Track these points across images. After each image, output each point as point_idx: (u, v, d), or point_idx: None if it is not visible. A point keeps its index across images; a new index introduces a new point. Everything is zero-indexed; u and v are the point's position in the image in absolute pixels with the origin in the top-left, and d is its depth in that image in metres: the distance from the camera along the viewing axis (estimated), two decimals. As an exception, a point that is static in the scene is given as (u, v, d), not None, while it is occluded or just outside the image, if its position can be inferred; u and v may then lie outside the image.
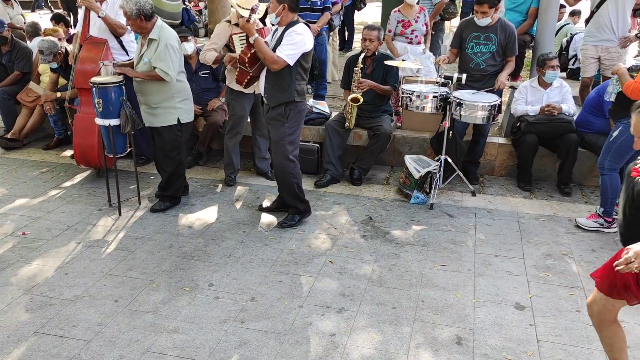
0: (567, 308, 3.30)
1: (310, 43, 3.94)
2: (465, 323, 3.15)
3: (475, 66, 4.89)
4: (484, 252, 3.94)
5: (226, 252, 3.91)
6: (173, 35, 4.24)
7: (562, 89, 5.04)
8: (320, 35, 6.25)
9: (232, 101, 4.89)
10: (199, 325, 3.10)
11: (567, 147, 4.83)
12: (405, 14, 5.81)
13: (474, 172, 5.21)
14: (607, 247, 4.03)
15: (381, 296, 3.40)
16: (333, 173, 5.11)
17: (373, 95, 5.11)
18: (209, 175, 5.36)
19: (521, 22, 5.84)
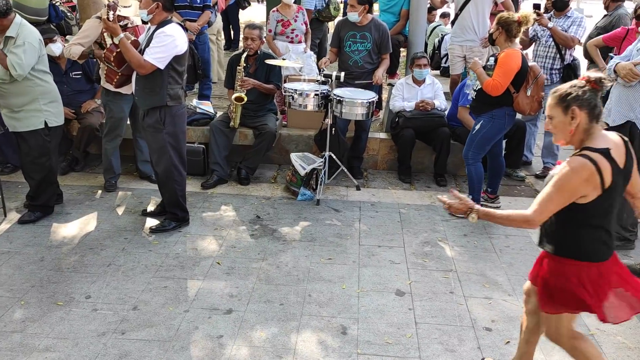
0: (442, 290, 3.53)
1: (182, 45, 3.83)
2: (350, 313, 3.27)
3: (354, 64, 5.08)
4: (367, 244, 4.11)
5: (105, 261, 3.72)
6: (34, 33, 3.93)
7: (434, 86, 5.38)
8: (201, 34, 6.14)
9: (109, 102, 4.65)
10: (74, 341, 2.92)
11: (441, 140, 5.17)
12: (283, 13, 5.88)
13: (358, 167, 5.40)
14: (476, 231, 4.37)
15: (269, 294, 3.43)
16: (220, 174, 5.05)
17: (257, 94, 5.12)
18: (87, 182, 5.06)
19: (394, 22, 6.14)
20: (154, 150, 4.05)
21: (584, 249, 2.27)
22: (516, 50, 4.18)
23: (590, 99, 2.16)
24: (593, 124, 2.18)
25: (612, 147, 2.17)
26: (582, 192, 2.15)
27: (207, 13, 6.03)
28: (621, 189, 2.25)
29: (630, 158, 2.24)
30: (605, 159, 2.13)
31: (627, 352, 2.98)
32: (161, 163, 4.04)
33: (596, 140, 2.19)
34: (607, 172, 2.13)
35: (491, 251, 4.04)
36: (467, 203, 2.35)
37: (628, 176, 2.25)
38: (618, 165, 2.17)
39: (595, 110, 2.17)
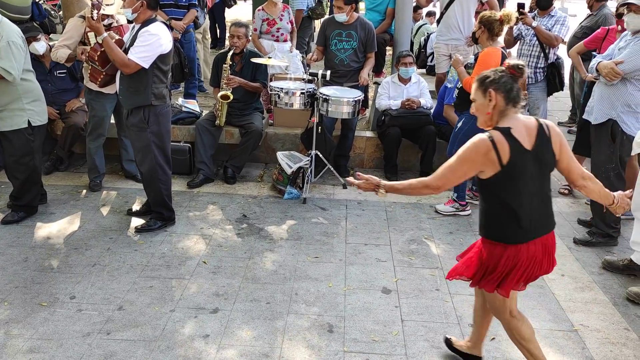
0: (428, 288, 3.56)
1: (167, 44, 3.81)
2: (336, 311, 3.28)
3: (340, 62, 5.10)
4: (354, 242, 4.12)
5: (90, 261, 3.69)
6: (15, 30, 3.88)
7: (419, 84, 5.41)
8: (187, 32, 6.11)
9: (92, 101, 4.62)
10: (59, 342, 2.89)
11: (427, 138, 5.20)
12: (269, 12, 5.87)
13: (344, 165, 5.41)
14: (462, 229, 4.40)
15: (256, 292, 3.42)
16: (206, 172, 5.04)
17: (243, 93, 5.11)
18: (72, 181, 5.02)
19: (380, 21, 6.16)
20: (138, 149, 4.02)
21: (498, 229, 2.39)
22: (496, 49, 4.22)
23: (506, 83, 2.29)
24: (509, 107, 2.30)
25: (516, 128, 2.28)
26: (479, 165, 2.28)
27: (193, 12, 6.01)
28: (532, 172, 2.30)
29: (542, 142, 2.30)
30: (504, 137, 2.25)
31: (610, 347, 3.02)
32: (145, 162, 4.02)
33: (507, 121, 2.30)
34: (504, 149, 2.23)
35: (476, 248, 4.07)
36: (372, 181, 2.49)
37: (540, 159, 2.31)
38: (520, 144, 2.26)
39: (511, 94, 2.29)
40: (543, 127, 2.33)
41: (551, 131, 2.34)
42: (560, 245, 4.13)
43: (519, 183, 2.29)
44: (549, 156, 2.34)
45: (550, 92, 5.37)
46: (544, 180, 2.37)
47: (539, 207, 2.36)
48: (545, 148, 2.32)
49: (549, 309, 3.35)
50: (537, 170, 2.32)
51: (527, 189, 2.31)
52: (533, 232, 2.36)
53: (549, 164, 2.35)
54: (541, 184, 2.36)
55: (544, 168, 2.34)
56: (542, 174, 2.35)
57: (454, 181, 2.38)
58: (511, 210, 2.33)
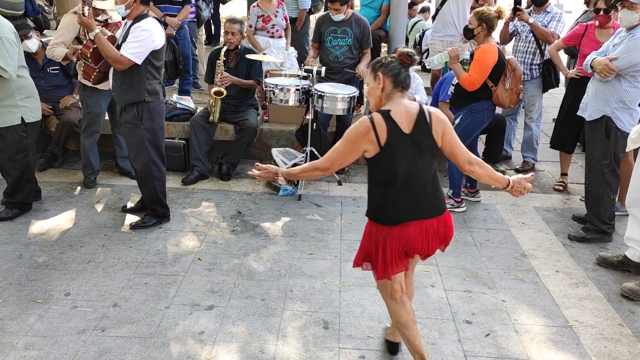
0: (423, 284, 3.56)
1: (160, 40, 3.79)
2: (331, 307, 3.28)
3: (334, 59, 5.09)
4: (349, 239, 4.12)
5: (85, 258, 3.68)
6: (7, 26, 3.86)
7: (414, 81, 5.40)
8: (182, 29, 6.08)
9: (86, 98, 4.60)
10: (54, 339, 2.89)
11: (421, 136, 5.20)
12: (264, 8, 5.86)
13: (339, 162, 5.40)
14: (457, 224, 4.36)
15: (251, 289, 3.42)
16: (201, 169, 5.03)
17: (237, 90, 5.10)
18: (66, 178, 5.00)
19: (375, 17, 6.16)
20: (132, 146, 4.01)
21: (375, 209, 2.47)
22: (492, 45, 4.23)
23: (394, 68, 2.37)
24: (396, 91, 2.38)
25: (397, 111, 2.35)
26: (362, 145, 2.35)
27: (187, 8, 5.99)
28: (410, 155, 2.36)
29: (421, 127, 2.37)
30: (383, 119, 2.33)
31: (605, 343, 3.04)
32: (139, 159, 4.01)
33: (390, 104, 2.38)
34: (382, 130, 2.32)
35: (471, 245, 4.09)
36: (271, 170, 2.59)
37: (417, 144, 2.37)
38: (399, 128, 2.34)
39: (398, 78, 2.36)
40: (424, 113, 2.39)
41: (433, 118, 2.40)
42: (555, 242, 4.15)
43: (396, 165, 2.36)
44: (428, 141, 2.38)
45: (545, 89, 5.39)
46: (424, 164, 2.41)
47: (418, 191, 2.41)
48: (423, 133, 2.37)
49: (543, 305, 3.37)
50: (416, 154, 2.37)
51: (404, 171, 2.37)
52: (409, 214, 2.42)
53: (429, 149, 2.40)
54: (421, 168, 2.40)
55: (423, 152, 2.39)
56: (422, 158, 2.39)
57: (341, 161, 2.44)
58: (388, 190, 2.40)
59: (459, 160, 2.47)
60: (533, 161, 5.55)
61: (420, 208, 2.42)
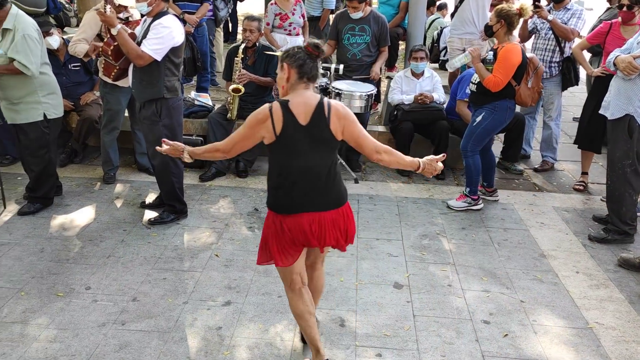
0: (440, 283, 3.55)
1: (179, 37, 3.82)
2: (348, 305, 3.28)
3: (352, 57, 5.08)
4: (366, 237, 4.12)
5: (105, 253, 3.73)
6: (31, 23, 3.92)
7: (432, 79, 5.38)
8: (200, 26, 6.12)
9: (107, 94, 4.65)
10: (75, 332, 2.93)
11: (439, 134, 5.17)
12: (282, 6, 5.87)
13: (356, 160, 5.40)
14: (475, 224, 4.38)
15: (267, 286, 3.44)
16: (218, 166, 5.06)
17: (255, 87, 5.11)
18: (86, 174, 5.06)
19: (394, 15, 6.13)
20: (151, 142, 4.05)
21: (271, 198, 2.50)
22: (515, 45, 4.18)
23: (300, 59, 2.38)
24: (300, 82, 2.39)
25: (296, 103, 2.36)
26: (259, 132, 2.39)
27: (206, 5, 6.02)
28: (304, 147, 2.38)
29: (318, 121, 2.37)
30: (281, 108, 2.35)
31: (625, 345, 3.00)
32: (158, 156, 4.04)
33: (292, 95, 2.40)
34: (278, 119, 2.34)
35: (489, 244, 4.06)
36: (177, 147, 2.67)
37: (313, 136, 2.37)
38: (296, 119, 2.35)
39: (303, 69, 2.37)
40: (323, 106, 2.38)
41: (332, 111, 2.39)
42: (575, 242, 4.11)
43: (291, 155, 2.39)
44: (324, 134, 2.38)
45: (565, 87, 5.32)
46: (320, 157, 2.42)
47: (313, 183, 2.43)
48: (320, 126, 2.37)
49: (563, 306, 3.33)
50: (311, 146, 2.39)
51: (298, 162, 2.40)
52: (303, 205, 2.44)
53: (325, 142, 2.40)
54: (317, 161, 2.42)
55: (319, 145, 2.40)
56: (318, 151, 2.41)
57: (240, 145, 2.48)
58: (283, 180, 2.43)
59: (366, 151, 2.48)
60: (552, 160, 5.49)
61: (315, 200, 2.44)
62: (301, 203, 2.43)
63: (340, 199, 2.52)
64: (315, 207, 2.44)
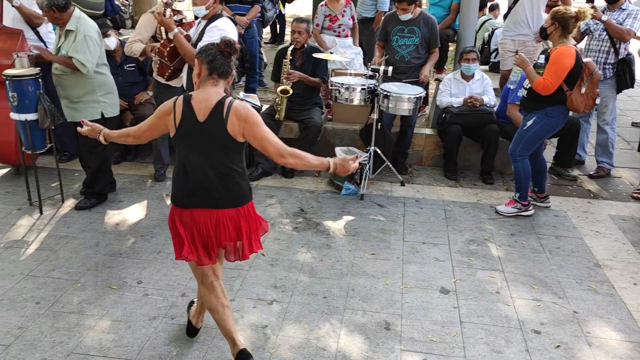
0: (488, 290, 3.48)
1: (233, 38, 3.88)
2: (393, 309, 3.26)
3: (401, 59, 5.04)
4: (412, 240, 4.08)
5: (156, 249, 3.83)
6: (92, 26, 4.08)
7: (483, 81, 5.28)
8: (250, 27, 6.21)
9: (160, 94, 4.77)
10: (127, 324, 3.03)
11: (489, 137, 5.07)
12: (331, 8, 5.88)
13: (402, 163, 5.36)
14: (525, 230, 4.27)
15: (313, 286, 3.45)
16: (265, 166, 5.11)
17: (303, 88, 5.15)
18: (138, 171, 5.22)
19: (444, 16, 6.05)
20: None
21: (173, 189, 2.53)
22: (570, 47, 4.03)
23: (210, 55, 2.43)
24: (210, 78, 2.43)
25: (198, 99, 2.41)
26: (164, 123, 2.46)
27: (257, 7, 6.10)
28: (200, 143, 2.41)
29: (215, 119, 2.37)
30: (183, 103, 2.41)
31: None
32: None
33: (198, 91, 2.45)
34: (179, 113, 2.40)
35: (540, 252, 3.94)
36: (95, 128, 2.78)
37: (208, 134, 2.39)
38: (195, 114, 2.39)
39: (213, 64, 2.42)
40: (222, 105, 2.39)
41: (231, 112, 2.39)
42: (633, 252, 3.94)
43: (188, 150, 2.44)
44: (220, 133, 2.39)
45: (619, 89, 5.12)
46: (216, 155, 2.43)
47: (209, 180, 2.44)
48: (216, 125, 2.39)
49: (619, 318, 3.20)
50: (207, 143, 2.41)
51: (194, 157, 2.43)
52: (197, 200, 2.45)
53: (222, 141, 2.41)
54: (213, 158, 2.43)
55: (214, 143, 2.41)
56: (213, 149, 2.42)
57: (149, 133, 2.55)
58: (181, 173, 2.47)
59: (271, 154, 2.47)
60: (609, 166, 5.29)
61: (210, 197, 2.45)
62: (198, 199, 2.45)
63: (240, 198, 2.52)
64: (210, 204, 2.46)
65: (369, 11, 6.57)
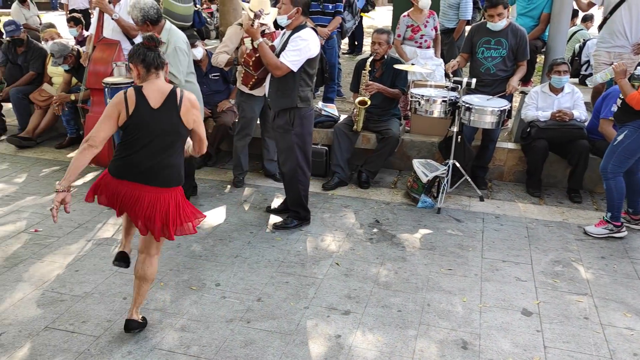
0: (576, 315, 3.28)
1: (315, 49, 3.94)
2: (471, 327, 3.15)
3: (486, 71, 4.89)
4: (491, 257, 3.93)
5: (233, 253, 3.93)
6: (182, 37, 4.27)
7: (573, 95, 5.02)
8: (330, 38, 6.28)
9: (242, 103, 4.92)
10: (206, 324, 3.12)
11: (578, 154, 4.80)
12: (414, 18, 5.82)
13: (482, 177, 5.19)
14: (617, 254, 4.00)
15: (387, 299, 3.41)
16: (341, 176, 5.13)
17: (382, 99, 5.12)
18: (218, 176, 5.40)
19: (533, 27, 5.82)
20: (282, 150, 4.20)
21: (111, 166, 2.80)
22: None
23: (141, 54, 2.74)
24: (150, 73, 2.76)
25: (149, 89, 2.73)
26: (115, 112, 2.70)
27: (338, 19, 6.17)
28: (151, 127, 2.71)
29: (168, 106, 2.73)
30: (134, 93, 2.71)
31: None
32: (287, 163, 4.19)
33: (145, 84, 2.76)
34: (131, 101, 2.69)
35: (634, 278, 3.67)
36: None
37: (162, 120, 2.72)
38: (147, 102, 2.71)
39: (146, 61, 2.74)
40: (175, 95, 2.77)
41: (184, 100, 2.77)
42: None
43: (138, 132, 2.71)
44: (173, 119, 2.75)
45: None
46: (164, 140, 2.75)
47: (149, 159, 2.74)
48: (170, 111, 2.74)
49: None
50: (158, 128, 2.73)
51: (142, 141, 2.72)
52: (129, 175, 2.75)
53: (173, 127, 2.75)
54: (160, 143, 2.75)
55: (166, 128, 2.74)
56: (164, 134, 2.74)
57: (104, 128, 2.70)
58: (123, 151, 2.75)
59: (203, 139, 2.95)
60: None
61: (142, 173, 2.75)
62: (129, 173, 2.75)
63: (168, 181, 2.83)
64: (138, 179, 2.75)
65: (451, 21, 6.46)
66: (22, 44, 6.19)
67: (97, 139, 2.70)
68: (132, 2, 4.22)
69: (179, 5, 5.90)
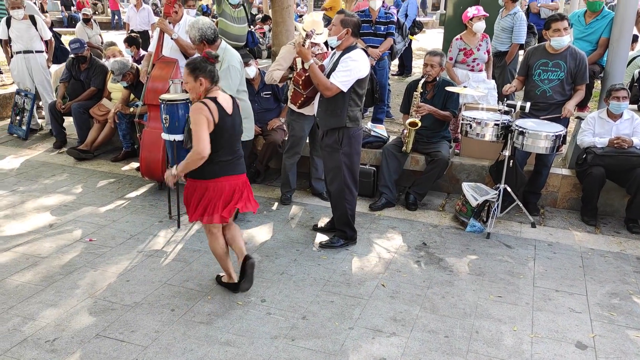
0: (634, 351, 3.11)
1: (365, 70, 3.96)
2: (522, 358, 3.04)
3: (542, 94, 4.78)
4: (543, 286, 3.80)
5: (279, 270, 3.95)
6: (235, 56, 4.39)
7: (633, 121, 4.83)
8: (382, 59, 6.31)
9: (292, 122, 4.99)
10: (250, 340, 3.13)
11: (638, 182, 4.60)
12: (467, 41, 5.78)
13: (534, 203, 5.04)
14: (679, 289, 3.79)
15: (433, 324, 3.34)
16: (388, 197, 5.09)
17: (432, 121, 5.08)
18: (266, 193, 5.46)
19: (590, 51, 5.67)
20: (330, 169, 4.22)
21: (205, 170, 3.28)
22: None
23: (211, 72, 3.23)
24: (213, 86, 3.27)
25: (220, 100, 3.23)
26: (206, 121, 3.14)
27: (390, 40, 6.20)
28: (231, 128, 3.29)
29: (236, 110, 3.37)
30: (214, 104, 3.19)
31: None
32: (335, 182, 4.20)
33: (213, 94, 3.25)
34: (215, 111, 3.18)
35: (699, 315, 3.47)
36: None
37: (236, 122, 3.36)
38: (224, 109, 3.25)
39: (213, 77, 3.25)
40: (235, 100, 3.41)
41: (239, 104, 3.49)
42: None
43: (223, 137, 3.25)
44: (239, 120, 3.41)
45: None
46: (239, 136, 3.42)
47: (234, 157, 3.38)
48: (238, 114, 3.40)
49: None
50: (235, 129, 3.35)
51: (228, 142, 3.30)
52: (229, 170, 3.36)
53: (239, 124, 3.41)
54: (238, 139, 3.41)
55: (237, 127, 3.38)
56: (236, 132, 3.37)
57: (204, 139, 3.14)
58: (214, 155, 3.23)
59: None
60: None
61: (237, 166, 3.40)
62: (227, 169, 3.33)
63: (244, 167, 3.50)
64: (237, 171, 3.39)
65: (504, 44, 6.38)
66: (85, 61, 6.51)
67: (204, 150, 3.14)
68: (190, 22, 4.38)
69: (234, 25, 6.09)
